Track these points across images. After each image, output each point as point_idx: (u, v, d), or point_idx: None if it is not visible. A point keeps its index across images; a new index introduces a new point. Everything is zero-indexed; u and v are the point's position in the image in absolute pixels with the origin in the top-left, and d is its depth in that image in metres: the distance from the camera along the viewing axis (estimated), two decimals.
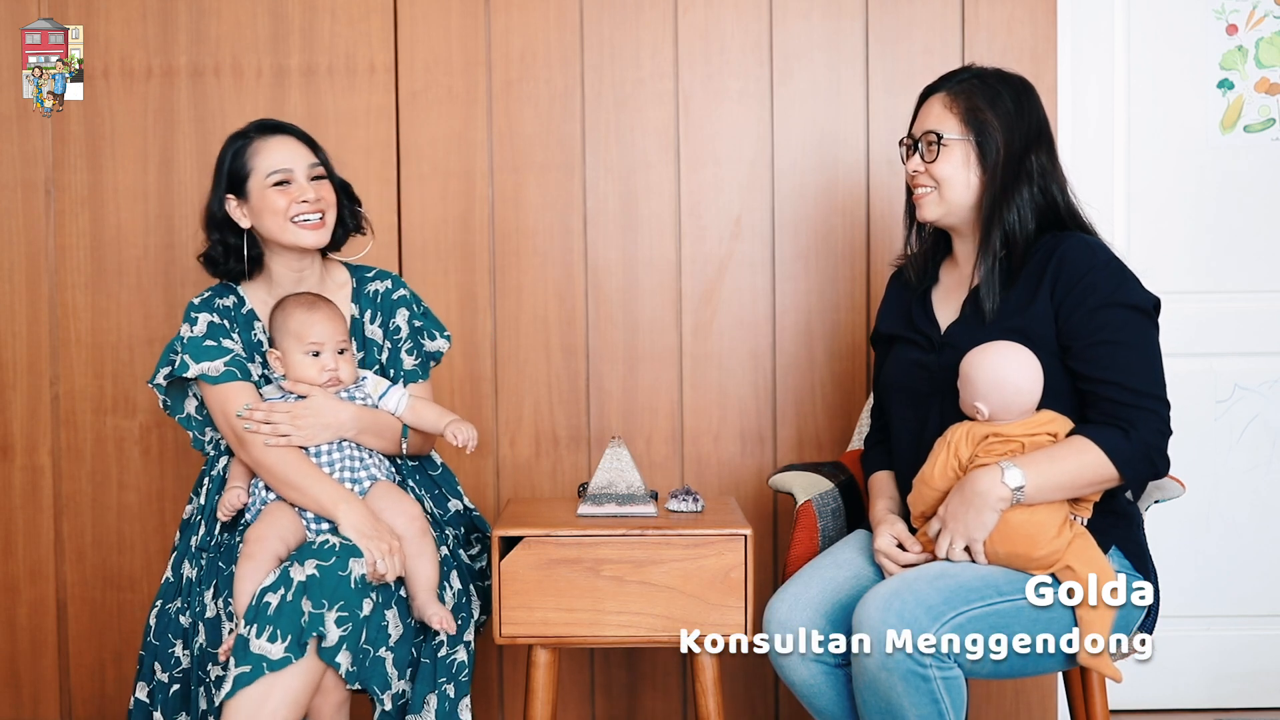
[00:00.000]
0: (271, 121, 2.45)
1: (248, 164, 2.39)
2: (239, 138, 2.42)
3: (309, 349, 2.32)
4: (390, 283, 2.51)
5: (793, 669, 2.19)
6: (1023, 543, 2.08)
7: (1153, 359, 2.16)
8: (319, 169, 2.42)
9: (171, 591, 2.38)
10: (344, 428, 2.33)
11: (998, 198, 2.22)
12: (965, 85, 2.26)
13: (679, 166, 2.95)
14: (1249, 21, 3.05)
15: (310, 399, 2.32)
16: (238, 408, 2.32)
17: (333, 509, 2.25)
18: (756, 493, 2.97)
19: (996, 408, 2.13)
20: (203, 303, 2.42)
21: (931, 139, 2.25)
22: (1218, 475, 3.08)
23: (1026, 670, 2.14)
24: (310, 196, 2.37)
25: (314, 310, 2.34)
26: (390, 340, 2.48)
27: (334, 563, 2.17)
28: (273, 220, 2.37)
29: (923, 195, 2.28)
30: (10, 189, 2.95)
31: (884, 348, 2.45)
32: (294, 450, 2.30)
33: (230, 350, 2.36)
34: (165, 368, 2.39)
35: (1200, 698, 3.11)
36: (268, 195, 2.37)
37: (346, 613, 2.15)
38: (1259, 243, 3.07)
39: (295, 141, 2.41)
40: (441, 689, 2.26)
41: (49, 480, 2.98)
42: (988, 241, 2.23)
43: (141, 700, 2.35)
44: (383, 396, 2.39)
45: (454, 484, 2.55)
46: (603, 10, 2.93)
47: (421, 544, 2.29)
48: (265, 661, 2.11)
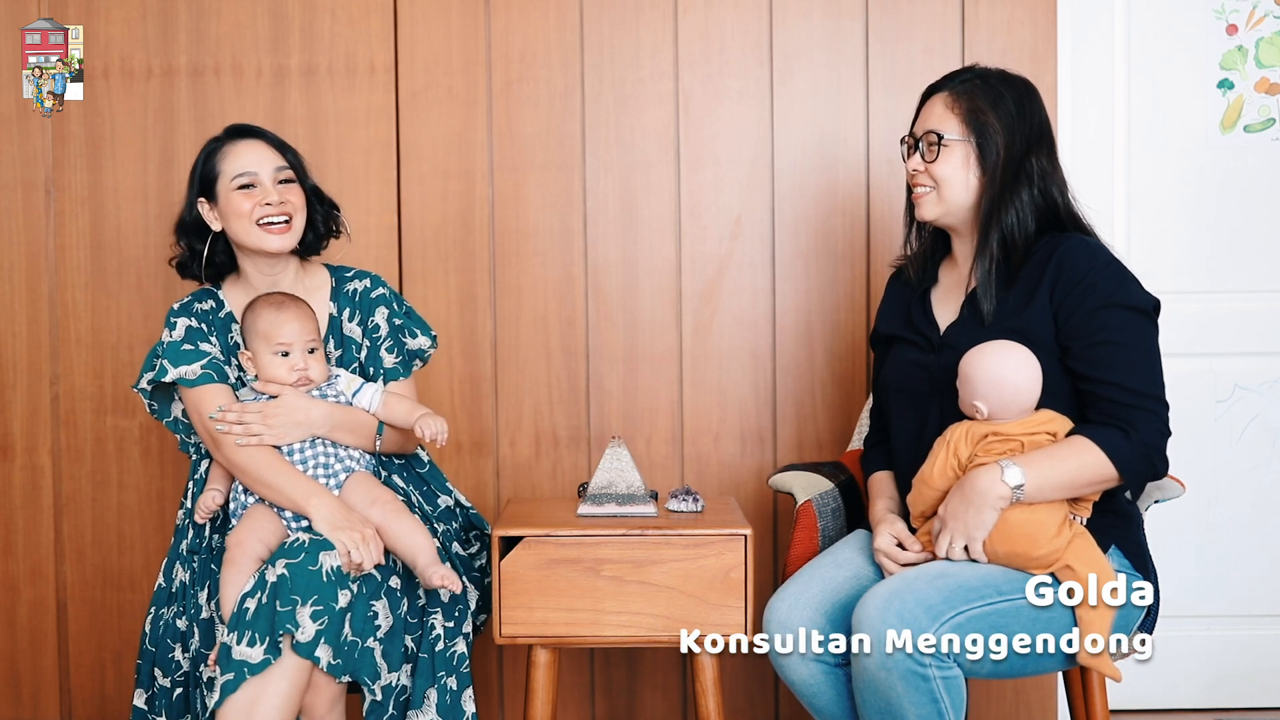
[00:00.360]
0: (242, 126, 2.47)
1: (216, 167, 2.41)
2: (212, 142, 2.46)
3: (278, 349, 2.33)
4: (369, 281, 2.52)
5: (792, 669, 2.19)
6: (1022, 542, 2.08)
7: (1152, 360, 2.16)
8: (287, 172, 2.42)
9: (164, 597, 2.39)
10: (315, 425, 2.34)
11: (996, 199, 2.22)
12: (968, 86, 2.26)
13: (679, 166, 2.95)
14: (1249, 21, 3.05)
15: (281, 398, 2.33)
16: (213, 409, 2.33)
17: (305, 504, 2.26)
18: (756, 493, 2.97)
19: (995, 407, 2.13)
20: (181, 307, 2.44)
21: (932, 139, 2.25)
22: (1218, 475, 3.08)
23: (1026, 670, 2.14)
24: (274, 200, 2.38)
25: (282, 310, 2.34)
26: (369, 338, 2.48)
27: (303, 559, 2.18)
28: (238, 223, 2.39)
29: (922, 195, 2.28)
30: (10, 189, 2.95)
31: (883, 348, 2.45)
32: (266, 449, 2.31)
33: (207, 354, 2.38)
34: (148, 372, 2.41)
35: (1200, 697, 3.10)
36: (233, 198, 2.39)
37: (321, 606, 2.16)
38: (1259, 242, 3.07)
39: (263, 145, 2.43)
40: (442, 682, 2.27)
41: (49, 480, 2.98)
42: (985, 243, 2.23)
43: (140, 708, 2.36)
44: (356, 393, 2.39)
45: (442, 480, 2.55)
46: (603, 10, 2.93)
47: (402, 521, 2.29)
48: (247, 667, 2.12)
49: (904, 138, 2.34)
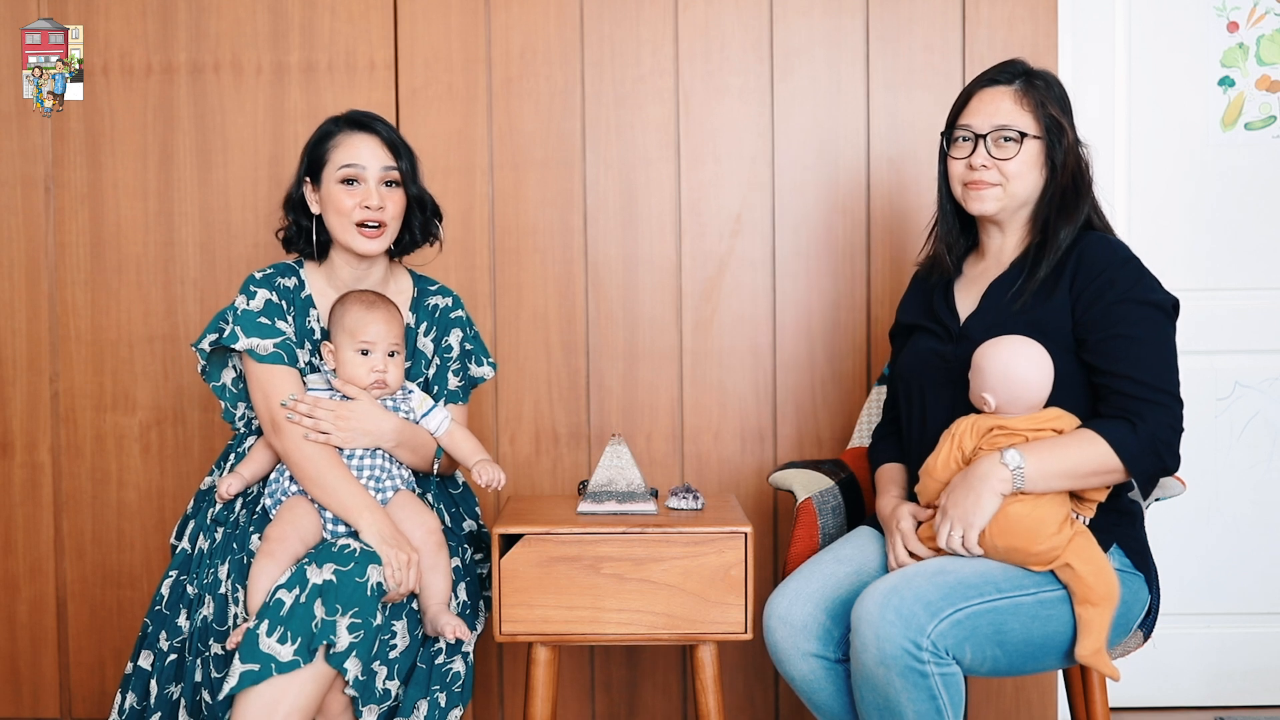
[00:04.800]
0: (364, 116, 2.43)
1: (327, 154, 2.39)
2: (329, 123, 2.43)
3: (360, 346, 2.31)
4: (451, 300, 2.51)
5: (793, 665, 2.19)
6: (1022, 536, 2.08)
7: (1167, 355, 2.16)
8: (394, 174, 2.39)
9: (187, 563, 2.35)
10: (384, 438, 2.32)
11: (1069, 196, 2.23)
12: (1029, 83, 2.26)
13: (679, 163, 2.94)
14: (1250, 19, 3.04)
15: (357, 403, 2.31)
16: (280, 392, 2.31)
17: (357, 517, 2.24)
18: (756, 490, 2.96)
19: (1004, 400, 2.13)
20: (264, 279, 2.40)
21: (1011, 134, 2.24)
22: (1218, 472, 3.08)
23: (1026, 668, 2.14)
24: (374, 202, 2.36)
25: (372, 309, 2.33)
26: (440, 357, 2.48)
27: (352, 568, 2.16)
28: (335, 218, 2.38)
29: (985, 189, 2.25)
30: (10, 186, 2.95)
31: (902, 339, 2.45)
32: (328, 450, 2.29)
33: (283, 332, 2.35)
34: (213, 334, 2.37)
35: (1200, 695, 3.10)
36: (335, 190, 2.37)
37: (360, 620, 2.14)
38: (1260, 240, 3.06)
39: (376, 142, 2.39)
40: (433, 696, 2.26)
41: (49, 477, 2.98)
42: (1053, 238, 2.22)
43: (144, 668, 2.32)
44: (426, 415, 2.38)
45: (473, 505, 2.54)
46: (603, 7, 2.93)
47: (437, 558, 2.29)
48: (274, 662, 2.10)
49: (953, 132, 2.30)
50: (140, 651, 2.33)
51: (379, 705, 2.21)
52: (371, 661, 2.19)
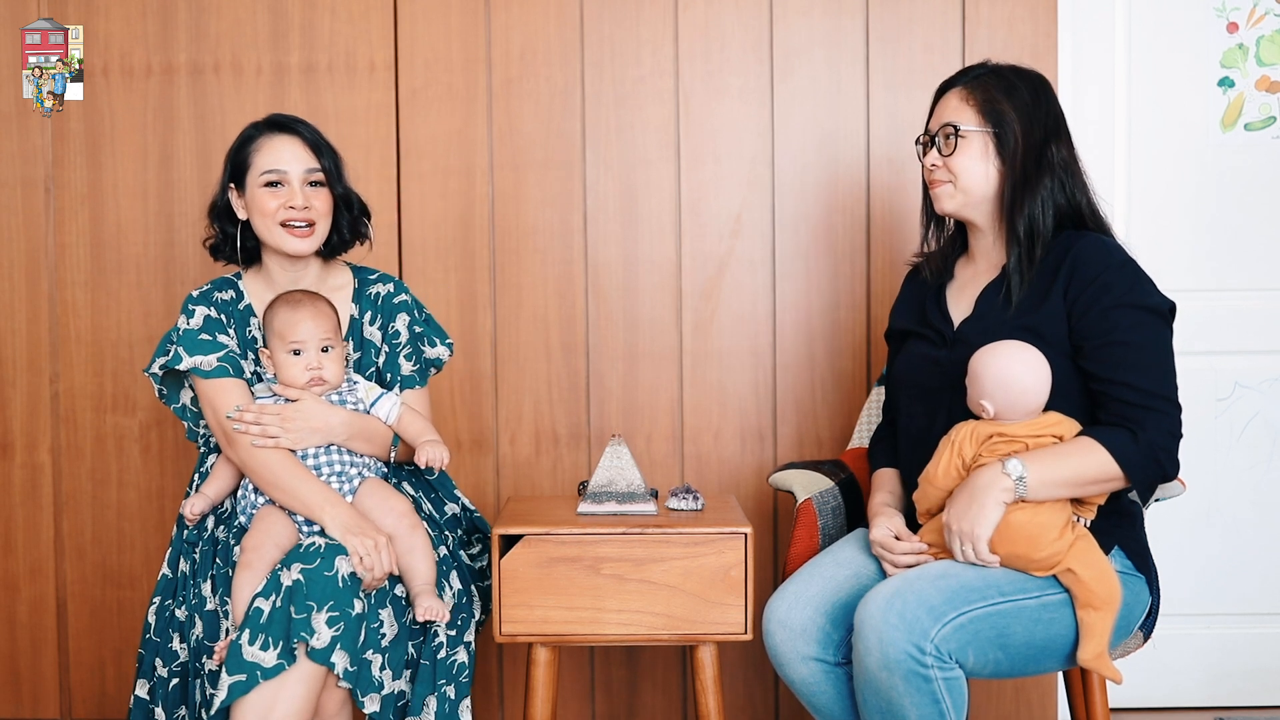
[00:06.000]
0: (284, 119, 2.43)
1: (249, 158, 2.38)
2: (250, 129, 2.42)
3: (292, 347, 2.31)
4: (392, 286, 2.50)
5: (793, 669, 2.19)
6: (1024, 543, 2.07)
7: (1164, 361, 2.15)
8: (318, 174, 2.39)
9: (169, 587, 2.37)
10: (334, 432, 2.32)
11: (1019, 186, 2.21)
12: (981, 79, 2.26)
13: (679, 164, 2.94)
14: (1250, 19, 3.04)
15: (301, 403, 2.31)
16: (227, 404, 2.31)
17: (319, 511, 2.25)
18: (756, 491, 2.96)
19: (1002, 407, 2.12)
20: (201, 295, 2.41)
21: (949, 131, 2.24)
22: (1218, 473, 3.08)
23: (1027, 670, 2.14)
24: (299, 203, 2.35)
25: (297, 309, 2.32)
26: (389, 344, 2.46)
27: (319, 564, 2.16)
28: (261, 220, 2.37)
29: (939, 187, 2.27)
30: (10, 186, 2.95)
31: (897, 344, 2.45)
32: (281, 451, 2.29)
33: (224, 346, 2.35)
34: (161, 357, 2.38)
35: (1200, 696, 3.10)
36: (259, 194, 2.36)
37: (337, 612, 2.14)
38: (1259, 241, 3.06)
39: (298, 143, 2.39)
40: (441, 690, 2.26)
41: (49, 478, 2.98)
42: (1013, 231, 2.22)
43: (141, 698, 2.34)
44: (374, 404, 2.37)
45: (451, 488, 2.53)
46: (603, 7, 2.93)
47: (412, 539, 2.28)
48: (259, 669, 2.11)
49: (919, 137, 2.33)
50: (137, 681, 2.36)
51: (379, 694, 2.21)
52: (363, 652, 2.19)
